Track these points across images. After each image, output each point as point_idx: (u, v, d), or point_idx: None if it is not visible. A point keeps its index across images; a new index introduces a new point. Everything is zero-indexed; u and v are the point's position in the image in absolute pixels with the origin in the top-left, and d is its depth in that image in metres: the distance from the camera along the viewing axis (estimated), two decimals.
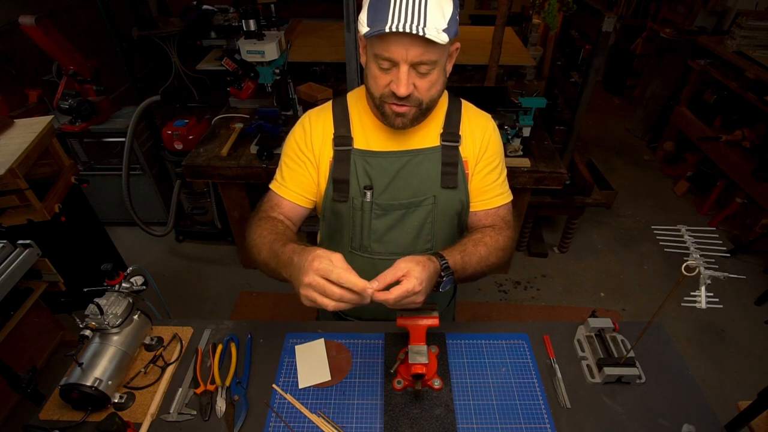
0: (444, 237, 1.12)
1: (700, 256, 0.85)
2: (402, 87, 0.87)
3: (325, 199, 1.07)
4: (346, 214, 1.07)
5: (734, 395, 2.08)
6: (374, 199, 1.04)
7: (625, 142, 4.19)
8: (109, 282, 1.04)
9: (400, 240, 1.09)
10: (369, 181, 1.04)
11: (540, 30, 3.59)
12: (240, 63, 2.48)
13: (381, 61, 0.87)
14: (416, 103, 0.92)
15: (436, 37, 0.80)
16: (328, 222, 1.12)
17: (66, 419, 0.95)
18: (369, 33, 0.82)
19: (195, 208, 2.83)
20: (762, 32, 2.93)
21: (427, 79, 0.89)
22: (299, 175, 1.07)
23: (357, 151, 1.03)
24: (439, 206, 1.06)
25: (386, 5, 0.81)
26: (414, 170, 1.04)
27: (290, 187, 1.07)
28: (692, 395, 1.02)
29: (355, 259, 1.12)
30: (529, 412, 0.97)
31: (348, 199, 1.05)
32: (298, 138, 1.07)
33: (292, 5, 4.15)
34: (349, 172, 1.03)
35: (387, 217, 1.06)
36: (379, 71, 0.89)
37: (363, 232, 1.08)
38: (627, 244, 3.03)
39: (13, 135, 1.84)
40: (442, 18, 0.82)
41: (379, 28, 0.80)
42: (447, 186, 1.04)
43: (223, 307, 2.53)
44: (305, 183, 1.07)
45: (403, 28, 0.79)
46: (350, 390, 1.02)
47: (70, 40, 2.42)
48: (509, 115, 2.14)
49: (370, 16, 0.84)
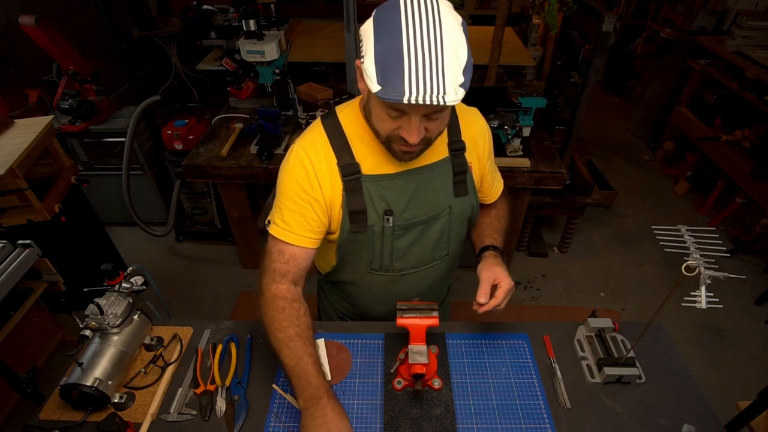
0: (458, 241, 1.12)
1: (700, 256, 0.85)
2: (414, 136, 0.83)
3: (342, 232, 1.00)
4: (365, 240, 1.02)
5: (734, 395, 2.08)
6: (395, 221, 1.00)
7: (625, 142, 4.19)
8: (109, 282, 1.04)
9: (421, 253, 1.08)
10: (387, 206, 0.98)
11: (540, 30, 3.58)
12: (240, 63, 2.48)
13: (390, 111, 0.82)
14: (426, 143, 0.89)
15: (455, 100, 0.74)
16: (344, 249, 1.05)
17: (66, 419, 0.95)
18: (383, 97, 0.74)
19: (195, 208, 2.83)
20: (762, 32, 2.92)
21: (439, 120, 0.85)
22: (305, 218, 0.97)
23: (368, 177, 0.96)
24: (454, 214, 1.05)
25: (399, 69, 0.73)
26: (429, 185, 1.01)
27: (298, 231, 0.97)
28: (692, 395, 1.02)
29: (376, 278, 1.10)
30: (529, 412, 0.97)
31: (367, 228, 0.99)
32: (300, 179, 0.95)
33: (292, 5, 4.14)
34: (364, 202, 0.97)
35: (408, 234, 1.03)
36: (388, 117, 0.84)
37: (384, 254, 1.05)
38: (627, 244, 3.03)
39: (13, 135, 1.84)
40: (459, 69, 0.75)
41: (395, 98, 0.73)
42: (459, 194, 1.04)
43: (223, 307, 2.53)
44: (313, 225, 0.98)
45: (423, 100, 0.72)
46: (350, 390, 1.02)
47: (70, 40, 2.42)
48: (509, 115, 2.14)
49: (380, 72, 0.75)
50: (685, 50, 3.52)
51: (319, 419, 0.83)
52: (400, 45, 0.73)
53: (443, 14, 0.75)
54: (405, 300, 1.00)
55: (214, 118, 2.50)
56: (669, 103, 3.80)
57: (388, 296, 1.13)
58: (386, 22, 0.75)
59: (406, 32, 0.73)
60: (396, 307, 0.99)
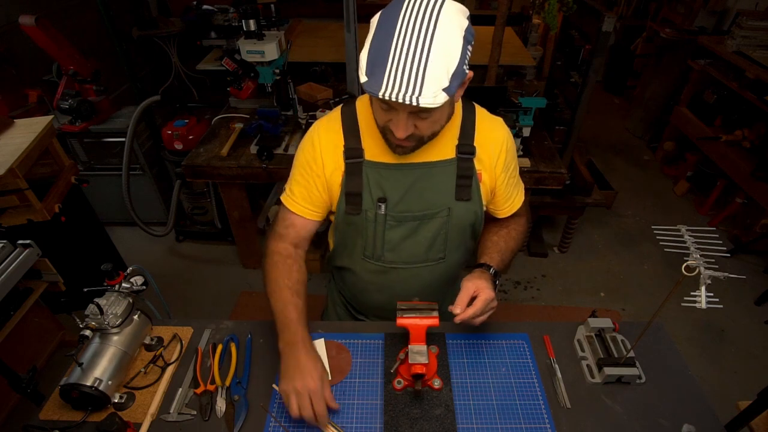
0: (457, 247, 1.12)
1: (700, 256, 0.85)
2: (400, 131, 0.85)
3: (338, 212, 1.06)
4: (360, 224, 1.06)
5: (734, 395, 2.08)
6: (388, 210, 1.02)
7: (625, 142, 4.19)
8: (109, 282, 1.04)
9: (414, 250, 1.08)
10: (382, 193, 1.02)
11: (540, 30, 3.58)
12: (240, 63, 2.48)
13: (381, 103, 0.85)
14: (417, 140, 0.91)
15: (432, 103, 0.75)
16: (341, 231, 1.11)
17: (66, 419, 0.95)
18: (366, 89, 0.78)
19: (195, 208, 2.83)
20: (762, 32, 2.92)
21: (429, 120, 0.87)
22: (308, 191, 1.05)
23: (369, 163, 1.01)
24: (453, 218, 1.05)
25: (383, 64, 0.75)
26: (429, 182, 1.02)
27: (300, 202, 1.07)
28: (692, 395, 1.02)
29: (369, 266, 1.12)
30: (529, 412, 0.97)
31: (361, 211, 1.03)
32: (307, 154, 1.04)
33: (292, 5, 4.14)
34: (361, 185, 1.01)
35: (401, 228, 1.05)
36: (380, 108, 0.87)
37: (376, 242, 1.07)
38: (627, 244, 3.03)
39: (13, 135, 1.84)
40: (446, 73, 0.76)
41: (374, 90, 0.76)
42: (461, 198, 1.04)
43: (223, 307, 2.53)
44: (315, 198, 1.06)
45: (396, 97, 0.75)
46: (350, 390, 1.02)
47: (70, 40, 2.42)
48: (509, 115, 2.14)
49: (370, 63, 0.78)
50: (685, 50, 3.52)
51: (292, 363, 0.92)
52: (390, 41, 0.76)
53: (443, 17, 0.75)
54: (404, 299, 1.00)
55: (214, 118, 2.50)
56: (669, 103, 3.80)
57: (380, 287, 1.16)
58: (387, 18, 0.78)
59: (399, 30, 0.76)
60: (390, 302, 1.01)
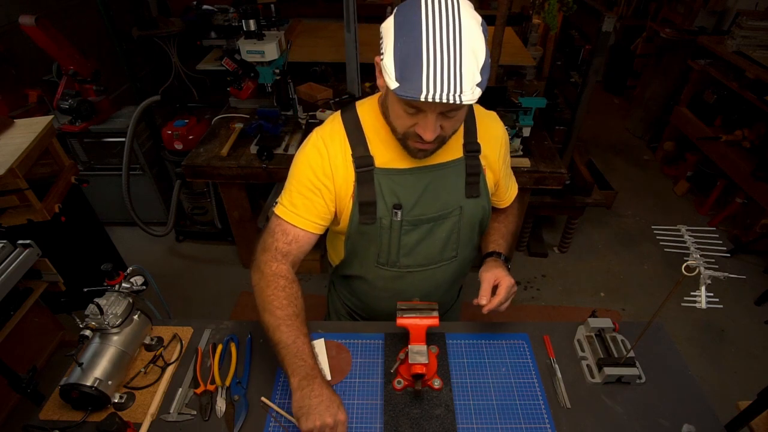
0: (468, 243, 1.13)
1: (700, 256, 0.85)
2: (429, 133, 0.84)
3: (351, 223, 1.02)
4: (374, 233, 1.03)
5: (734, 395, 2.08)
6: (404, 216, 1.01)
7: (625, 142, 4.19)
8: (109, 282, 1.04)
9: (429, 252, 1.08)
10: (397, 200, 0.99)
11: (540, 30, 3.58)
12: (240, 63, 2.48)
13: (407, 107, 0.83)
14: (440, 141, 0.90)
15: (471, 99, 0.74)
16: (352, 241, 1.07)
17: (66, 419, 0.95)
18: (401, 94, 0.75)
19: (195, 208, 2.83)
20: (762, 32, 2.92)
21: (455, 119, 0.86)
22: (315, 204, 1.00)
23: (380, 170, 0.98)
24: (464, 216, 1.05)
25: (418, 65, 0.74)
26: (441, 183, 1.02)
27: (304, 215, 1.00)
28: (692, 395, 1.02)
29: (383, 273, 1.11)
30: (529, 412, 0.98)
31: (376, 220, 1.01)
32: (314, 165, 0.98)
33: (292, 5, 4.14)
34: (374, 194, 0.99)
35: (416, 231, 1.04)
36: (405, 113, 0.85)
37: (391, 249, 1.06)
38: (627, 244, 3.03)
39: (13, 135, 1.84)
40: (476, 68, 0.76)
41: (412, 95, 0.74)
42: (471, 195, 1.04)
43: (223, 307, 2.53)
44: (320, 211, 1.01)
45: (440, 98, 0.73)
46: (350, 390, 1.02)
47: (70, 40, 2.42)
48: (509, 115, 2.14)
49: (399, 68, 0.76)
50: (685, 50, 3.52)
51: (316, 398, 0.84)
52: (420, 43, 0.74)
53: (463, 14, 0.76)
54: (406, 300, 1.00)
55: (214, 118, 2.50)
56: (669, 103, 3.80)
57: (395, 293, 1.14)
58: (407, 20, 0.76)
59: (426, 31, 0.74)
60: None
